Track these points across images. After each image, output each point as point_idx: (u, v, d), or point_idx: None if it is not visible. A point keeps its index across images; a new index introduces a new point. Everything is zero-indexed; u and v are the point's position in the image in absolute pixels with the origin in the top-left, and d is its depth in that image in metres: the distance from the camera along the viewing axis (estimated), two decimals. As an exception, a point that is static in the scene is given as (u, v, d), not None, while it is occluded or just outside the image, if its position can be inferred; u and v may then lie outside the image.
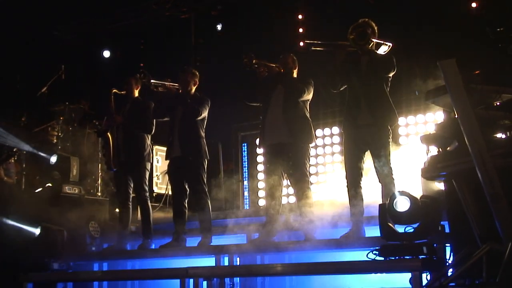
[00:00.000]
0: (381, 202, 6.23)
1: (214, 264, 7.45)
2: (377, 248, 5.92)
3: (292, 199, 7.84)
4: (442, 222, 6.02)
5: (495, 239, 4.68)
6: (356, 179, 7.20)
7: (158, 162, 11.03)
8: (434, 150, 5.40)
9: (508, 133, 4.82)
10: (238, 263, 7.42)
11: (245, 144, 11.44)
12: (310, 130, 7.82)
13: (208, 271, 7.03)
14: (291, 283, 7.51)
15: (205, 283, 6.90)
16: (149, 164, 8.85)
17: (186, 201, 8.22)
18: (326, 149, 10.03)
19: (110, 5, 14.65)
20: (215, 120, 8.93)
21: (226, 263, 7.45)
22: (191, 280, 6.89)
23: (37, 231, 8.57)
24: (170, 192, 8.89)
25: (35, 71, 12.42)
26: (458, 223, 5.55)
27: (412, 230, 5.82)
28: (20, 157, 10.24)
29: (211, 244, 7.95)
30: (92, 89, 13.05)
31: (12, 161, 9.89)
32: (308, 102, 7.96)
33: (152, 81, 8.44)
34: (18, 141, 10.03)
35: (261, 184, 10.39)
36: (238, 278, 7.26)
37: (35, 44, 14.16)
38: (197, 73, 8.55)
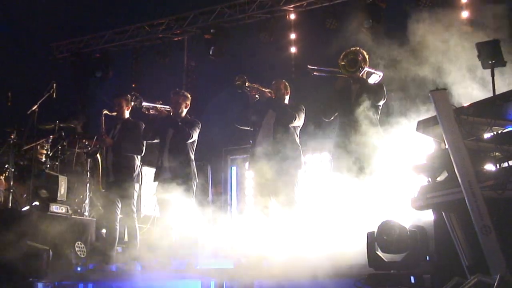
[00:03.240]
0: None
1: (200, 288, 7.39)
2: (364, 277, 5.90)
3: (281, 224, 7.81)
4: (430, 252, 6.00)
5: (484, 271, 4.67)
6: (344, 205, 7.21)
7: (146, 184, 10.98)
8: (423, 180, 5.40)
9: (498, 165, 4.83)
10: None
11: (235, 167, 11.44)
12: (300, 156, 7.83)
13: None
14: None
15: (190, 306, 6.85)
16: (138, 185, 8.81)
17: (173, 222, 8.20)
18: (315, 175, 10.03)
19: (103, 25, 14.70)
20: (205, 143, 8.92)
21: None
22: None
23: (22, 249, 8.49)
24: (157, 214, 8.85)
25: (26, 89, 12.40)
26: (446, 254, 5.53)
27: (400, 259, 5.80)
28: (8, 175, 10.16)
29: (197, 267, 7.90)
30: (83, 109, 13.06)
31: (2, 178, 9.79)
32: (299, 128, 7.98)
33: (143, 104, 8.43)
34: None
35: (249, 208, 10.37)
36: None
37: (27, 62, 14.17)
38: (189, 96, 8.57)
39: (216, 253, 8.22)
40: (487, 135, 4.94)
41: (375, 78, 7.72)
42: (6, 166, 9.99)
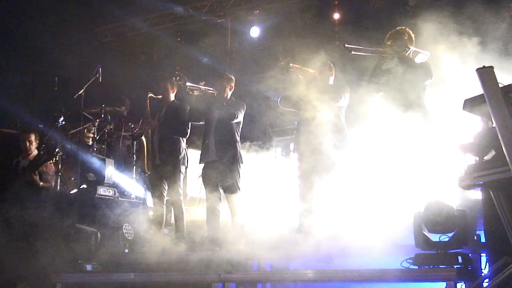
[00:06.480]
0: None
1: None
2: (411, 256, 5.86)
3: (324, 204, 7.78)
4: (477, 232, 5.93)
5: (533, 250, 4.61)
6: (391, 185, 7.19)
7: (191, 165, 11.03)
8: (471, 159, 5.33)
9: (546, 143, 4.73)
10: (269, 269, 7.35)
11: (280, 149, 11.42)
12: (346, 136, 7.79)
13: (240, 276, 6.98)
14: (322, 290, 7.44)
15: (236, 289, 6.87)
16: (184, 167, 8.85)
17: (219, 205, 8.22)
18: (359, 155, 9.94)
19: (147, 8, 14.75)
20: (250, 124, 8.91)
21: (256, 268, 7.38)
22: (223, 285, 6.85)
23: (71, 232, 8.62)
24: (203, 196, 8.89)
25: (73, 74, 12.55)
26: (494, 233, 5.47)
27: (447, 239, 5.75)
28: (57, 159, 10.29)
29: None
30: (128, 92, 13.16)
31: (52, 162, 9.93)
32: (344, 108, 7.93)
33: (188, 84, 8.46)
34: None
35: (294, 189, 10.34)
36: (269, 284, 7.19)
37: (73, 46, 14.32)
38: (233, 78, 8.56)
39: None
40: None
41: (422, 57, 7.64)
42: (57, 150, 10.12)
